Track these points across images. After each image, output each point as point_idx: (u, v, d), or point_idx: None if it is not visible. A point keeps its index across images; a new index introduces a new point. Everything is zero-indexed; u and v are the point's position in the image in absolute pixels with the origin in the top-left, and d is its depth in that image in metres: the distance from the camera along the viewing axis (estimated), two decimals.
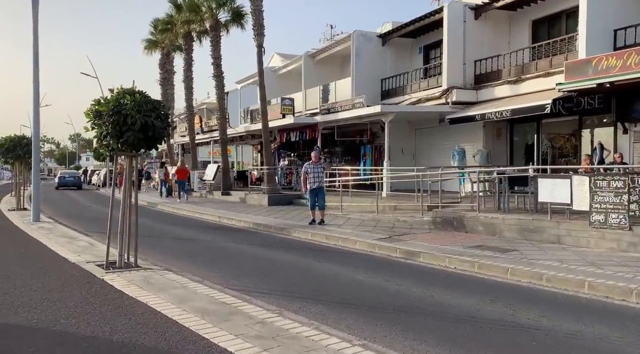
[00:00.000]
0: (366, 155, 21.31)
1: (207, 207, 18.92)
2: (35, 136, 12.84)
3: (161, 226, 13.68)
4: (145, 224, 13.82)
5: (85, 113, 6.78)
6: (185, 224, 14.25)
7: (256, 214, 15.77)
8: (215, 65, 24.05)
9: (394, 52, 21.80)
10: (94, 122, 6.61)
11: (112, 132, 6.47)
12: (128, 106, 6.42)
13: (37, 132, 12.86)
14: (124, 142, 6.59)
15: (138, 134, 6.52)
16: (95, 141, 6.90)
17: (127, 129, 6.46)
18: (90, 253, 8.09)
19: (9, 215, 14.64)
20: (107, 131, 6.45)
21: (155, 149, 7.03)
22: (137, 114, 6.42)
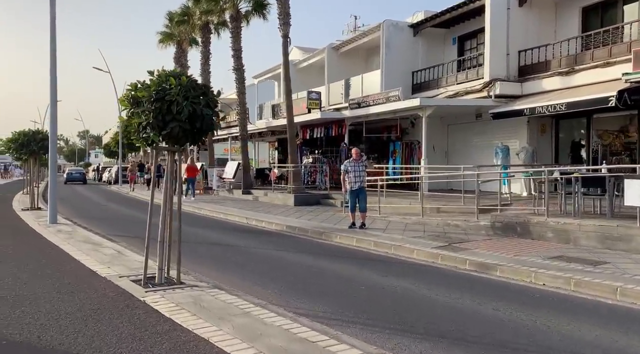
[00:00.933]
0: (396, 152, 20.12)
1: (229, 207, 17.86)
2: (52, 130, 11.81)
3: (187, 229, 12.55)
4: None
5: (120, 100, 5.69)
6: (212, 226, 13.17)
7: (285, 215, 14.68)
8: (235, 57, 22.95)
9: (425, 43, 20.60)
10: (132, 110, 5.51)
11: (153, 123, 5.38)
12: (173, 91, 5.31)
13: (54, 127, 11.84)
14: (167, 135, 5.49)
15: (184, 124, 5.42)
16: (132, 132, 5.81)
17: (172, 119, 5.36)
18: (121, 264, 7.02)
19: (23, 215, 13.63)
20: (148, 121, 5.35)
21: (202, 143, 5.92)
22: (184, 101, 5.32)
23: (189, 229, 12.52)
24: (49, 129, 11.85)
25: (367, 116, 18.49)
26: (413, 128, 20.58)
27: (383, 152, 21.62)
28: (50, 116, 11.66)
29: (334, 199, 17.83)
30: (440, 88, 18.63)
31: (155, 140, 5.55)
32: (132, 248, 8.56)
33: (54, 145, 11.80)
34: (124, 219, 14.79)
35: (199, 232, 11.90)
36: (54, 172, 11.91)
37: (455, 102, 16.54)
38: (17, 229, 10.71)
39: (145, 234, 6.03)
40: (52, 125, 11.72)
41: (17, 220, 12.62)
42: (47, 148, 14.85)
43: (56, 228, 10.82)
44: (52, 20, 11.76)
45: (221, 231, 12.22)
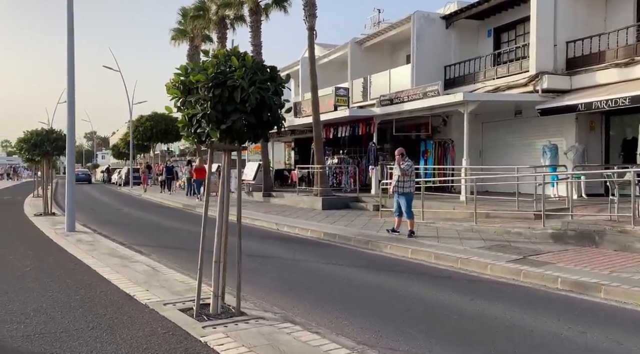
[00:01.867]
0: (427, 152, 18.94)
1: (253, 211, 16.75)
2: (70, 129, 10.73)
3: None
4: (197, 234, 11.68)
5: (167, 87, 4.58)
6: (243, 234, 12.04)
7: (317, 220, 13.56)
8: (255, 53, 21.81)
9: (458, 36, 19.43)
10: (184, 99, 4.39)
11: (211, 115, 4.26)
12: (237, 74, 4.19)
13: (72, 125, 10.76)
14: (227, 130, 4.37)
15: (249, 116, 4.30)
16: (181, 127, 4.71)
17: (234, 110, 4.25)
18: (160, 285, 5.91)
19: (37, 222, 12.57)
20: (205, 111, 4.23)
21: (265, 139, 4.79)
22: (250, 87, 4.20)
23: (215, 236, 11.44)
24: (67, 130, 10.78)
25: (399, 113, 17.33)
26: (445, 126, 19.41)
27: (412, 151, 20.42)
28: (68, 111, 10.59)
29: (365, 202, 16.70)
30: (477, 83, 17.44)
31: (213, 136, 4.43)
32: (166, 263, 7.46)
33: (72, 147, 10.73)
34: (146, 225, 13.71)
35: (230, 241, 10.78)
36: (72, 175, 10.83)
37: (500, 98, 15.35)
38: (32, 239, 9.64)
39: (199, 252, 4.89)
40: (69, 126, 10.65)
41: (31, 228, 11.55)
42: (62, 149, 13.84)
43: (75, 237, 9.73)
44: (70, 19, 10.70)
45: (254, 239, 11.10)
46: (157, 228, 12.92)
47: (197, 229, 12.83)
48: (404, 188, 10.82)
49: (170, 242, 10.24)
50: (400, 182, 10.79)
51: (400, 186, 10.79)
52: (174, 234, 11.81)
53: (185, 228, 12.94)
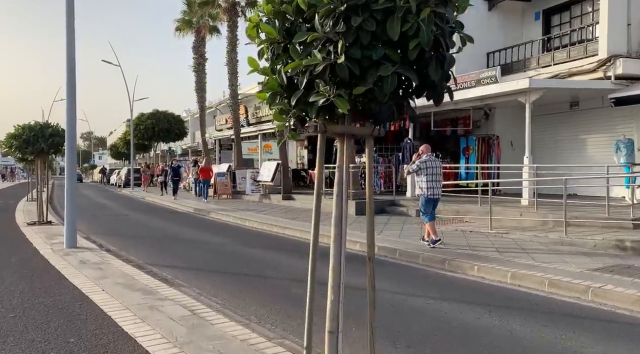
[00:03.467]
0: (469, 150, 16.94)
1: (277, 216, 14.74)
2: (70, 123, 8.66)
3: (251, 252, 9.45)
4: (227, 247, 9.68)
5: (249, 26, 2.57)
6: (276, 247, 10.01)
7: (360, 230, 11.54)
8: None
9: (501, 19, 17.46)
10: (284, 44, 2.39)
11: (341, 68, 2.25)
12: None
13: (72, 114, 8.69)
14: (366, 95, 2.38)
15: (411, 71, 2.31)
16: (268, 100, 2.73)
17: (372, 64, 2.25)
18: (215, 350, 3.86)
19: (30, 233, 10.49)
20: (330, 62, 2.23)
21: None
22: (420, 11, 2.20)
23: (254, 252, 9.35)
24: (66, 123, 8.69)
25: (444, 104, 15.28)
26: (487, 120, 17.43)
27: (450, 149, 18.45)
28: (67, 107, 8.52)
29: (404, 206, 14.70)
30: (529, 70, 15.45)
31: (341, 107, 2.42)
32: (207, 299, 5.42)
33: (73, 144, 8.63)
34: (161, 236, 11.66)
35: (268, 258, 8.75)
36: (72, 178, 8.75)
37: (570, 85, 13.32)
38: (23, 261, 7.55)
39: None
40: (69, 117, 8.58)
41: (22, 242, 9.46)
42: (58, 146, 11.81)
43: (78, 257, 7.67)
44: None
45: (296, 256, 9.08)
46: (176, 240, 10.87)
47: (223, 241, 10.76)
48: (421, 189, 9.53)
49: (199, 262, 8.20)
50: (438, 183, 9.49)
51: (437, 187, 9.48)
52: (199, 248, 9.77)
53: (210, 240, 10.91)
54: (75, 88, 8.74)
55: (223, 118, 29.37)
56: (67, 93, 8.67)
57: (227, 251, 9.45)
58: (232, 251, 9.54)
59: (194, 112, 52.25)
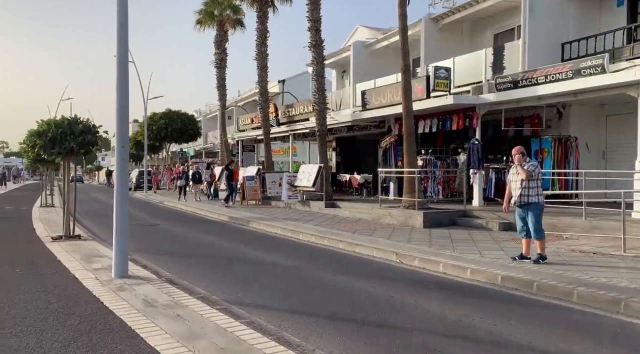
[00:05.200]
0: (544, 152, 14.96)
1: (330, 228, 12.84)
2: (121, 116, 6.75)
3: (342, 282, 7.49)
4: (305, 272, 7.63)
5: None
6: (371, 275, 8.04)
7: (447, 248, 9.64)
8: (314, 30, 17.92)
9: (577, 6, 15.57)
10: None
11: None
12: None
13: (123, 107, 6.79)
14: None
15: None
16: None
17: None
18: None
19: (60, 253, 8.54)
20: None
21: None
22: None
23: (338, 279, 7.29)
24: (116, 126, 6.78)
25: (517, 100, 13.41)
26: (559, 119, 15.49)
27: (507, 151, 16.45)
28: (118, 111, 6.62)
29: (481, 218, 12.77)
30: (619, 61, 13.53)
31: None
32: None
33: (125, 137, 6.74)
34: (217, 255, 9.69)
35: (376, 293, 6.76)
36: (123, 190, 6.81)
37: None
38: (66, 301, 5.55)
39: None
40: (121, 100, 6.68)
41: (55, 267, 7.45)
42: (90, 145, 9.92)
43: (138, 294, 5.74)
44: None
45: (384, 282, 7.14)
46: (235, 260, 8.96)
47: (294, 264, 8.72)
48: (530, 196, 8.10)
49: (290, 298, 6.27)
50: (525, 190, 8.10)
51: (525, 195, 8.11)
52: (272, 274, 7.84)
53: (275, 260, 8.97)
54: (128, 84, 6.85)
55: (248, 117, 27.43)
56: (118, 89, 6.75)
57: (312, 280, 7.52)
58: (316, 279, 7.60)
59: (206, 112, 50.46)
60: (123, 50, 6.83)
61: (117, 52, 6.75)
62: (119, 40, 6.74)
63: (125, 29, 6.78)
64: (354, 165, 22.87)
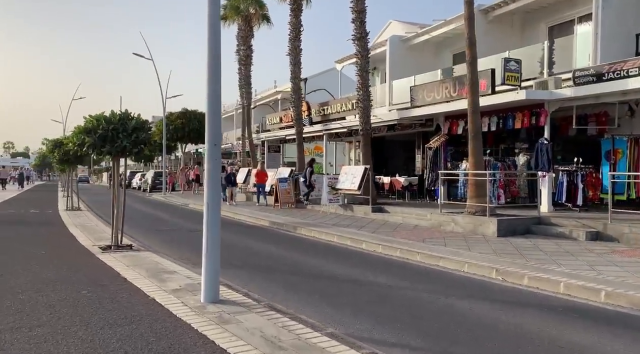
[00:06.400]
0: (617, 153, 13.76)
1: (389, 235, 11.72)
2: (212, 109, 5.63)
3: (451, 303, 6.32)
4: (403, 292, 6.37)
5: None
6: (476, 296, 6.86)
7: (547, 262, 8.47)
8: (359, 22, 16.76)
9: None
10: None
11: None
12: None
13: (215, 99, 5.66)
14: None
15: None
16: None
17: None
18: None
19: (118, 266, 7.37)
20: None
21: None
22: None
23: (442, 300, 5.91)
24: (207, 120, 5.66)
25: (597, 96, 12.24)
26: (631, 117, 14.30)
27: (585, 151, 15.20)
28: (209, 77, 5.50)
29: (559, 225, 11.59)
30: None
31: None
32: None
33: (217, 135, 5.60)
34: (293, 269, 8.54)
35: (500, 320, 5.58)
36: (216, 196, 5.66)
37: None
38: (161, 334, 4.28)
39: None
40: (211, 111, 5.56)
41: (123, 287, 6.23)
42: (143, 143, 8.81)
43: (244, 326, 4.54)
44: None
45: (538, 316, 5.97)
46: (316, 276, 7.82)
47: (386, 282, 7.02)
48: None
49: (422, 332, 5.13)
50: None
51: None
52: (371, 294, 6.66)
53: (362, 277, 7.81)
54: (220, 73, 5.72)
55: (276, 116, 26.28)
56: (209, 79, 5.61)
57: (428, 306, 6.34)
58: (431, 304, 6.42)
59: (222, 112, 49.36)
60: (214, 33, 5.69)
61: (208, 38, 5.63)
62: (210, 17, 5.61)
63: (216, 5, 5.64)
64: (383, 166, 21.72)
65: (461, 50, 20.92)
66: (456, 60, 21.09)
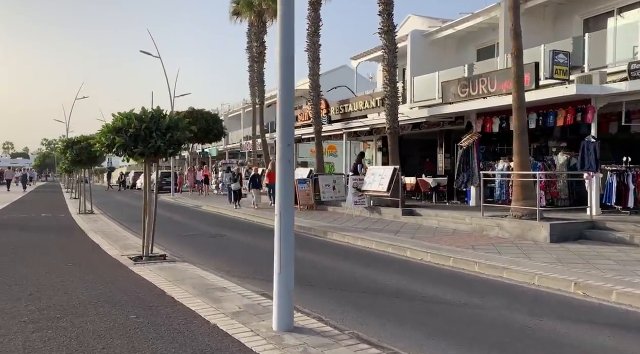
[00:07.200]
0: None
1: (431, 241, 10.87)
2: (284, 106, 4.82)
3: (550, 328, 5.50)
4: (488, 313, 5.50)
5: None
6: (566, 317, 6.05)
7: (625, 273, 7.67)
8: (386, 14, 15.91)
9: None
10: None
11: None
12: None
13: (287, 96, 4.85)
14: None
15: None
16: None
17: None
18: None
19: (158, 281, 6.52)
20: None
21: None
22: None
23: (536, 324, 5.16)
24: (278, 117, 4.85)
25: None
26: None
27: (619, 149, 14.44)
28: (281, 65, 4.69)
29: (617, 230, 10.78)
30: None
31: None
32: None
33: (291, 142, 4.81)
34: (353, 285, 7.67)
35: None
36: (289, 206, 4.87)
37: None
38: None
39: None
40: (284, 107, 4.75)
41: (174, 310, 5.28)
42: (178, 144, 8.00)
43: None
44: None
45: None
46: (394, 295, 6.98)
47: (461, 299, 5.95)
48: None
49: None
50: None
51: None
52: (455, 317, 5.85)
53: (445, 296, 7.01)
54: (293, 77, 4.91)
55: None
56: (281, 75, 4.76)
57: (527, 331, 5.53)
58: (528, 330, 5.62)
59: (227, 112, 48.42)
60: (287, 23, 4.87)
61: (281, 39, 4.82)
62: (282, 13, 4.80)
63: None
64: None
65: (486, 45, 20.23)
66: (480, 56, 20.30)
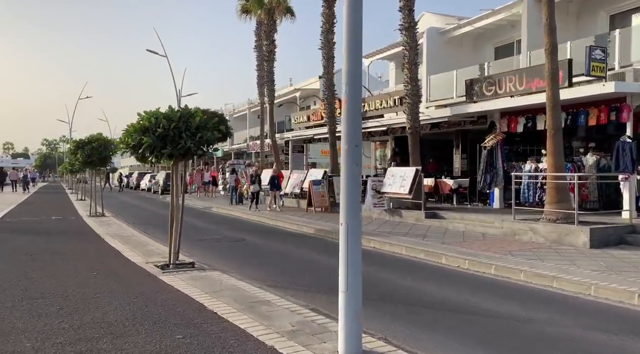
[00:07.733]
0: None
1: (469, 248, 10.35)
2: (351, 104, 4.31)
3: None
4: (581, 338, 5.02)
5: None
6: None
7: None
8: (407, 10, 15.41)
9: None
10: None
11: None
12: None
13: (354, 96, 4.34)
14: None
15: None
16: None
17: None
18: None
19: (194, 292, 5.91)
20: None
21: None
22: None
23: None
24: (345, 115, 4.36)
25: None
26: None
27: None
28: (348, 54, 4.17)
29: None
30: None
31: None
32: None
33: (359, 143, 4.31)
34: (417, 304, 7.18)
35: None
36: (356, 216, 4.34)
37: None
38: None
39: None
40: (347, 68, 4.24)
41: (224, 330, 4.46)
42: (209, 144, 7.53)
43: None
44: None
45: None
46: (471, 312, 6.45)
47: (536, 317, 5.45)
48: None
49: None
50: None
51: None
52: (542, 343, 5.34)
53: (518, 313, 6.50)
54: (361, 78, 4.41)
55: (303, 115, 24.93)
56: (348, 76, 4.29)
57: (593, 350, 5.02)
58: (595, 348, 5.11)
59: (231, 112, 47.92)
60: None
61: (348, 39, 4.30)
62: None
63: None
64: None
65: (504, 43, 19.72)
66: (498, 54, 19.82)
